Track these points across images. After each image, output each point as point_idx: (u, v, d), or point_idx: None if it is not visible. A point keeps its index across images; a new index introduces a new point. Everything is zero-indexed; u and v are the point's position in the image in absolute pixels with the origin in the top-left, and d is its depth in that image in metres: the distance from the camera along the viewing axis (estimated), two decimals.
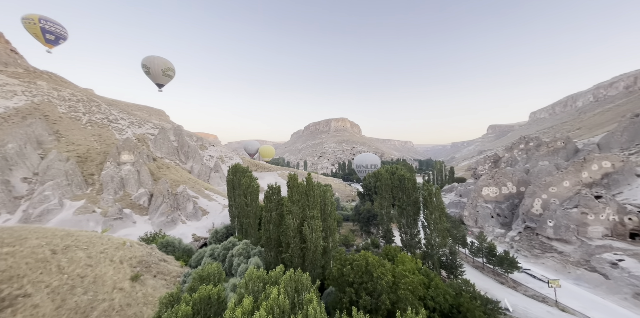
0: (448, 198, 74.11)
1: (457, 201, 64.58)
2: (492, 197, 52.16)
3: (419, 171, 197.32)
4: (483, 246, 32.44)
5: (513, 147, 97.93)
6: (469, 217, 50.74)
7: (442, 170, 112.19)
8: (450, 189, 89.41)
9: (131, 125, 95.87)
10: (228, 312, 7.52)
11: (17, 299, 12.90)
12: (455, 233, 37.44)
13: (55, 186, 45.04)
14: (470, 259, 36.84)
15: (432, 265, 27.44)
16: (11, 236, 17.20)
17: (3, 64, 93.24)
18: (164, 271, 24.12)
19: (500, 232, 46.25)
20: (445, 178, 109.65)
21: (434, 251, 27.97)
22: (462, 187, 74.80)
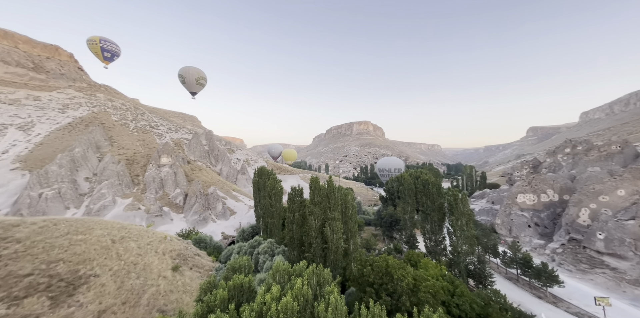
0: (479, 205, 69.70)
1: (489, 208, 60.55)
2: (529, 205, 48.13)
3: (447, 176, 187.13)
4: (517, 256, 30.29)
5: (557, 151, 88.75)
6: (501, 226, 47.33)
7: (472, 175, 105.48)
8: (481, 196, 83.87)
9: (169, 130, 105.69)
10: (259, 297, 8.64)
11: (89, 278, 15.58)
12: (485, 241, 35.45)
13: (109, 185, 51.63)
14: (503, 270, 34.41)
15: (459, 273, 26.40)
16: (82, 226, 20.58)
17: (72, 80, 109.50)
18: (199, 264, 26.59)
19: (538, 243, 42.45)
20: (475, 184, 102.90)
21: (461, 258, 26.90)
22: (494, 193, 69.91)
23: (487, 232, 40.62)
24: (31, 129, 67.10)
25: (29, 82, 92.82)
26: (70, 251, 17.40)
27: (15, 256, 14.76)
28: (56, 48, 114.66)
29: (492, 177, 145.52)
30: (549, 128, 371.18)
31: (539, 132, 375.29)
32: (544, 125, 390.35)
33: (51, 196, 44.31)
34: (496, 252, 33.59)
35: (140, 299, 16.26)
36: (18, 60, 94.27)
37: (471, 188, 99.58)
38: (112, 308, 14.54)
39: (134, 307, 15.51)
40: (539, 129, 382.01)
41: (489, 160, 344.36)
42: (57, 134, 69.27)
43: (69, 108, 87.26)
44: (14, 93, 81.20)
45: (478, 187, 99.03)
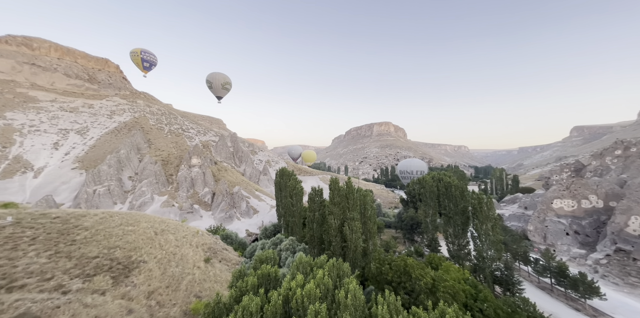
0: (509, 210, 65.37)
1: (521, 214, 56.63)
2: (568, 211, 44.30)
3: (475, 179, 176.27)
4: (550, 265, 28.36)
5: (605, 154, 79.79)
6: (534, 232, 44.11)
7: (502, 178, 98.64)
8: (512, 200, 78.36)
9: (198, 133, 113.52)
10: (285, 284, 9.79)
11: (140, 263, 18.09)
12: (514, 248, 33.61)
13: (148, 184, 57.30)
14: (535, 279, 32.26)
15: (484, 279, 25.54)
16: (132, 218, 23.66)
17: (118, 88, 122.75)
18: (227, 258, 28.83)
19: (579, 253, 38.96)
20: (506, 187, 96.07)
21: (486, 264, 25.99)
22: (527, 198, 65.08)
23: (518, 238, 38.32)
24: (86, 133, 76.73)
25: (85, 92, 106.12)
26: (124, 239, 20.25)
27: (85, 241, 17.70)
28: (106, 61, 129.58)
29: (526, 181, 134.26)
30: (598, 127, 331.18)
31: (586, 131, 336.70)
32: (592, 124, 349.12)
33: (102, 192, 50.49)
34: (527, 259, 31.67)
35: (180, 285, 18.44)
36: (77, 73, 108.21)
37: (501, 192, 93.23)
38: (159, 290, 16.77)
39: (175, 291, 17.67)
40: (586, 129, 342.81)
41: (523, 163, 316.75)
42: (106, 137, 78.36)
43: (115, 114, 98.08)
44: (73, 102, 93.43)
45: (509, 191, 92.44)
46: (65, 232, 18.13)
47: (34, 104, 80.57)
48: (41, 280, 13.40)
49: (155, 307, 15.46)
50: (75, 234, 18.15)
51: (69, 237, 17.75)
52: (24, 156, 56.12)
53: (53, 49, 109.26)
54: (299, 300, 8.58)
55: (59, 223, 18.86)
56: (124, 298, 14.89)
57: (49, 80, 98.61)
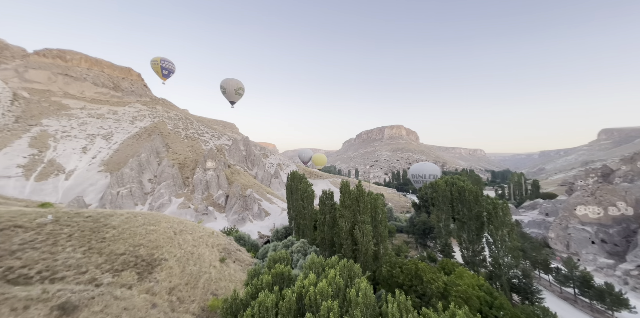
0: (528, 217, 62.67)
1: (541, 220, 54.19)
2: (593, 218, 41.97)
3: (491, 184, 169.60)
4: (574, 274, 27.04)
5: (636, 158, 74.66)
6: (556, 240, 42.02)
7: (521, 183, 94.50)
8: (532, 206, 74.94)
9: (213, 137, 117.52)
10: (299, 282, 10.31)
11: (161, 261, 19.25)
12: (534, 255, 32.34)
13: (166, 186, 60.03)
14: (557, 288, 30.72)
15: (500, 287, 24.79)
16: (153, 219, 25.13)
17: (139, 95, 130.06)
18: (240, 258, 29.71)
19: (606, 263, 36.70)
20: (525, 193, 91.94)
21: (502, 271, 25.25)
22: (549, 204, 62.17)
23: (537, 245, 36.75)
24: (111, 138, 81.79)
25: (110, 99, 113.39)
26: (147, 238, 21.59)
27: (113, 239, 19.12)
28: (129, 70, 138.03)
29: (548, 186, 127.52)
30: (630, 130, 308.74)
31: (615, 134, 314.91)
32: (623, 127, 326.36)
33: (125, 194, 53.51)
34: (548, 267, 30.32)
35: (198, 282, 19.38)
36: (103, 81, 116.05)
37: (520, 197, 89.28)
38: (179, 287, 17.76)
39: (194, 288, 18.61)
40: (615, 131, 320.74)
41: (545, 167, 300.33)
42: (129, 141, 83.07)
43: (136, 119, 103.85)
44: (100, 109, 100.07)
45: (528, 196, 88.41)
46: (96, 230, 19.66)
47: (66, 111, 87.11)
48: (77, 273, 14.72)
49: (176, 303, 16.41)
50: (104, 232, 19.64)
51: (100, 235, 19.24)
52: (57, 160, 60.73)
53: (83, 60, 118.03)
54: (312, 297, 9.06)
55: (91, 222, 20.48)
56: (148, 293, 15.94)
57: (79, 89, 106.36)
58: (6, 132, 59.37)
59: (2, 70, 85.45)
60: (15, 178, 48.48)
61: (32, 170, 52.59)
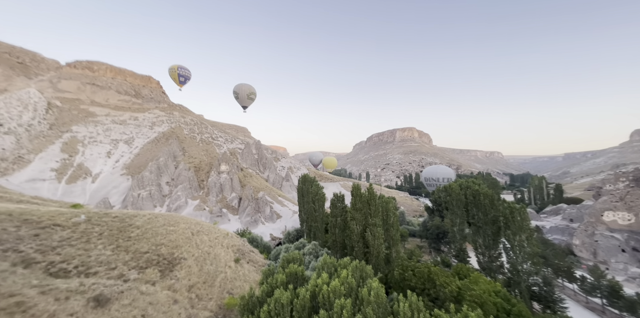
0: (551, 222, 59.77)
1: (564, 226, 51.53)
2: (623, 224, 39.46)
3: (510, 187, 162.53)
4: (600, 284, 25.61)
5: None
6: (581, 247, 39.79)
7: (542, 187, 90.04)
8: (555, 211, 71.30)
9: (226, 141, 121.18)
10: (312, 281, 10.74)
11: (181, 260, 20.30)
12: (556, 263, 30.93)
13: (183, 189, 62.54)
14: (582, 298, 29.08)
15: (520, 294, 23.93)
16: (172, 220, 26.48)
17: (157, 102, 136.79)
18: (254, 260, 30.50)
19: (639, 273, 34.37)
20: (547, 197, 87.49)
21: (522, 278, 24.40)
22: (573, 209, 59.00)
23: (560, 253, 35.08)
24: (132, 143, 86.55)
25: (131, 106, 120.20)
26: (167, 238, 22.82)
27: (137, 238, 20.43)
28: (149, 78, 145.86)
29: (573, 191, 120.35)
30: None
31: None
32: None
33: (145, 196, 56.32)
34: (572, 276, 28.85)
35: (215, 281, 20.22)
36: (126, 89, 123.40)
37: (541, 202, 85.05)
38: (197, 285, 18.65)
39: (211, 286, 19.45)
40: None
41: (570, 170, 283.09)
42: (148, 146, 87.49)
43: (155, 125, 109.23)
44: (122, 115, 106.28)
45: (551, 201, 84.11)
46: (123, 229, 21.09)
47: (93, 118, 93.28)
48: (108, 269, 15.92)
49: (195, 300, 17.26)
50: (130, 232, 21.02)
51: (125, 234, 20.62)
52: (85, 164, 65.09)
53: (108, 70, 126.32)
54: (325, 295, 9.47)
55: (118, 222, 21.98)
56: (170, 290, 16.91)
57: (104, 97, 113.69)
58: (42, 139, 64.65)
59: (38, 82, 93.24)
60: (49, 181, 52.59)
61: (63, 174, 56.75)
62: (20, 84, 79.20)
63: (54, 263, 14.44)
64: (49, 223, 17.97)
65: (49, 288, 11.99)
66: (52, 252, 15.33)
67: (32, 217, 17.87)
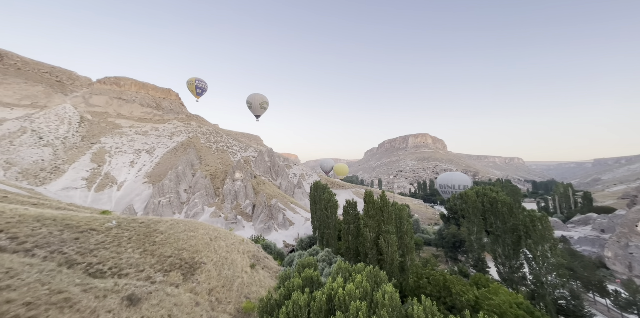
0: (579, 233, 56.23)
1: (595, 237, 48.30)
2: None
3: (532, 195, 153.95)
4: (637, 299, 23.82)
5: None
6: (614, 260, 37.06)
7: (568, 194, 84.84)
8: (584, 221, 67.02)
9: (240, 149, 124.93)
10: (328, 284, 11.22)
11: (201, 264, 21.31)
12: (586, 275, 29.14)
13: (200, 196, 64.94)
14: (617, 314, 26.95)
15: (545, 308, 22.76)
16: (192, 226, 27.83)
17: (176, 113, 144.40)
18: (268, 265, 31.07)
19: None
20: (575, 206, 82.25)
21: (546, 290, 23.26)
22: (604, 219, 55.36)
23: (590, 265, 32.93)
24: (153, 152, 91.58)
25: (152, 118, 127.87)
26: (188, 243, 24.04)
27: (161, 243, 21.77)
28: (169, 90, 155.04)
29: (605, 199, 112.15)
30: None
31: None
32: None
33: (165, 203, 59.04)
34: (604, 290, 27.00)
35: (232, 285, 20.96)
36: (148, 102, 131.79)
37: (568, 211, 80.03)
38: (216, 289, 19.46)
39: (229, 290, 20.19)
40: None
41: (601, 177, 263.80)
42: (168, 155, 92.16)
43: (174, 135, 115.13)
44: (144, 126, 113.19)
45: (579, 210, 79.02)
46: (148, 234, 22.55)
47: (118, 130, 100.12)
48: (137, 271, 17.14)
49: (215, 303, 18.03)
50: (154, 237, 22.43)
51: (151, 239, 22.03)
52: (111, 172, 69.65)
53: (133, 84, 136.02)
54: (341, 298, 9.92)
55: (144, 227, 23.54)
56: (192, 293, 17.81)
57: (129, 109, 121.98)
58: (75, 150, 70.24)
59: (73, 97, 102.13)
60: (80, 189, 56.74)
61: (92, 182, 61.04)
62: (57, 100, 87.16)
63: (92, 265, 15.82)
64: (86, 228, 19.68)
65: (89, 287, 13.21)
66: (90, 254, 16.80)
67: (72, 222, 19.68)
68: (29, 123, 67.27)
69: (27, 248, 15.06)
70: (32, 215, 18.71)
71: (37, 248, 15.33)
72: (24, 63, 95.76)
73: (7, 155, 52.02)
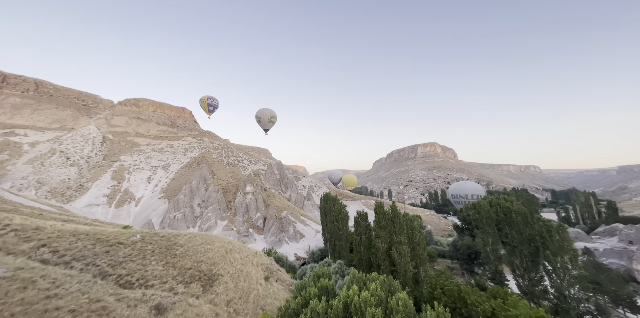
0: (605, 244, 53.35)
1: (622, 249, 45.74)
2: None
3: (552, 205, 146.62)
4: None
5: None
6: None
7: (590, 204, 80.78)
8: (609, 232, 63.61)
9: (250, 163, 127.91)
10: (343, 292, 11.83)
11: (218, 276, 22.08)
12: (613, 289, 27.67)
13: (212, 210, 66.50)
14: None
15: None
16: (209, 239, 28.90)
17: (189, 130, 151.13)
18: (281, 278, 31.27)
19: None
20: (598, 215, 78.04)
21: (570, 305, 22.35)
22: (631, 229, 52.71)
23: (618, 278, 31.18)
24: (168, 168, 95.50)
25: (168, 135, 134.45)
26: (206, 256, 24.99)
27: (182, 255, 22.85)
28: (183, 109, 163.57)
29: (633, 209, 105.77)
30: None
31: None
32: None
33: (180, 217, 60.79)
34: (634, 305, 25.48)
35: (249, 297, 21.47)
36: (164, 121, 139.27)
37: (591, 221, 75.95)
38: (234, 300, 20.05)
39: (246, 302, 20.70)
40: None
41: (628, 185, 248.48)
42: (182, 170, 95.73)
43: (188, 151, 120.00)
44: (160, 144, 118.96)
45: (604, 220, 74.96)
46: (169, 247, 23.76)
47: (137, 148, 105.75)
48: (161, 282, 18.15)
49: (233, 314, 18.58)
50: (175, 249, 23.59)
51: (172, 252, 23.19)
52: (130, 189, 73.00)
53: (150, 105, 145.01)
54: (357, 305, 10.51)
55: (165, 241, 24.82)
56: (211, 304, 18.50)
57: (146, 128, 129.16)
58: (97, 168, 74.70)
59: (97, 119, 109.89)
60: (102, 206, 59.69)
61: (113, 199, 64.12)
62: (83, 122, 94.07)
63: (122, 276, 16.99)
64: (114, 242, 21.13)
65: (122, 297, 14.27)
66: (119, 266, 18.04)
67: (103, 236, 21.24)
68: (57, 144, 72.76)
69: (67, 261, 16.52)
70: (69, 231, 20.43)
71: (74, 261, 16.76)
72: (55, 90, 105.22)
73: (38, 175, 56.24)
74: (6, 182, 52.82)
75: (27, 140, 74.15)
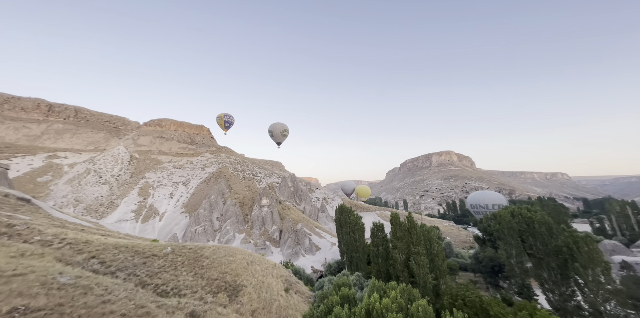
0: None
1: None
2: None
3: (585, 214, 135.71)
4: None
5: None
6: None
7: (627, 214, 74.27)
8: None
9: (265, 176, 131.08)
10: (365, 299, 12.57)
11: (242, 287, 23.14)
12: None
13: (231, 223, 68.47)
14: None
15: None
16: (230, 251, 30.26)
17: (207, 146, 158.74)
18: (300, 290, 31.60)
19: None
20: (638, 226, 71.51)
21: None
22: None
23: None
24: (189, 184, 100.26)
25: (187, 152, 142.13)
26: (229, 267, 26.26)
27: (208, 267, 24.29)
28: (201, 127, 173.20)
29: None
30: None
31: None
32: None
33: (200, 231, 63.11)
34: None
35: (272, 308, 22.20)
36: (184, 138, 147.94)
37: (630, 233, 69.80)
38: (258, 310, 20.88)
39: (269, 312, 21.43)
40: None
41: None
42: (201, 186, 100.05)
43: (206, 167, 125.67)
44: (181, 160, 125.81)
45: None
46: (197, 259, 25.33)
47: (160, 165, 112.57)
48: (192, 292, 19.50)
49: None
50: (202, 261, 25.11)
51: (199, 263, 24.71)
52: (154, 204, 77.29)
53: (172, 124, 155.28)
54: (379, 311, 11.24)
55: (192, 253, 26.49)
56: (238, 313, 19.46)
57: (168, 146, 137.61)
58: (126, 186, 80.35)
59: (125, 140, 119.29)
60: (130, 221, 63.61)
61: (139, 214, 68.16)
62: (114, 144, 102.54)
63: (158, 286, 18.57)
64: (149, 254, 23.05)
65: (161, 304, 15.68)
66: (155, 276, 19.70)
67: (139, 249, 23.27)
68: (92, 165, 79.62)
69: (112, 271, 18.44)
70: (111, 244, 22.68)
71: (119, 271, 18.65)
72: (91, 115, 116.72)
73: (76, 193, 61.67)
74: (49, 201, 58.53)
75: (67, 161, 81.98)
